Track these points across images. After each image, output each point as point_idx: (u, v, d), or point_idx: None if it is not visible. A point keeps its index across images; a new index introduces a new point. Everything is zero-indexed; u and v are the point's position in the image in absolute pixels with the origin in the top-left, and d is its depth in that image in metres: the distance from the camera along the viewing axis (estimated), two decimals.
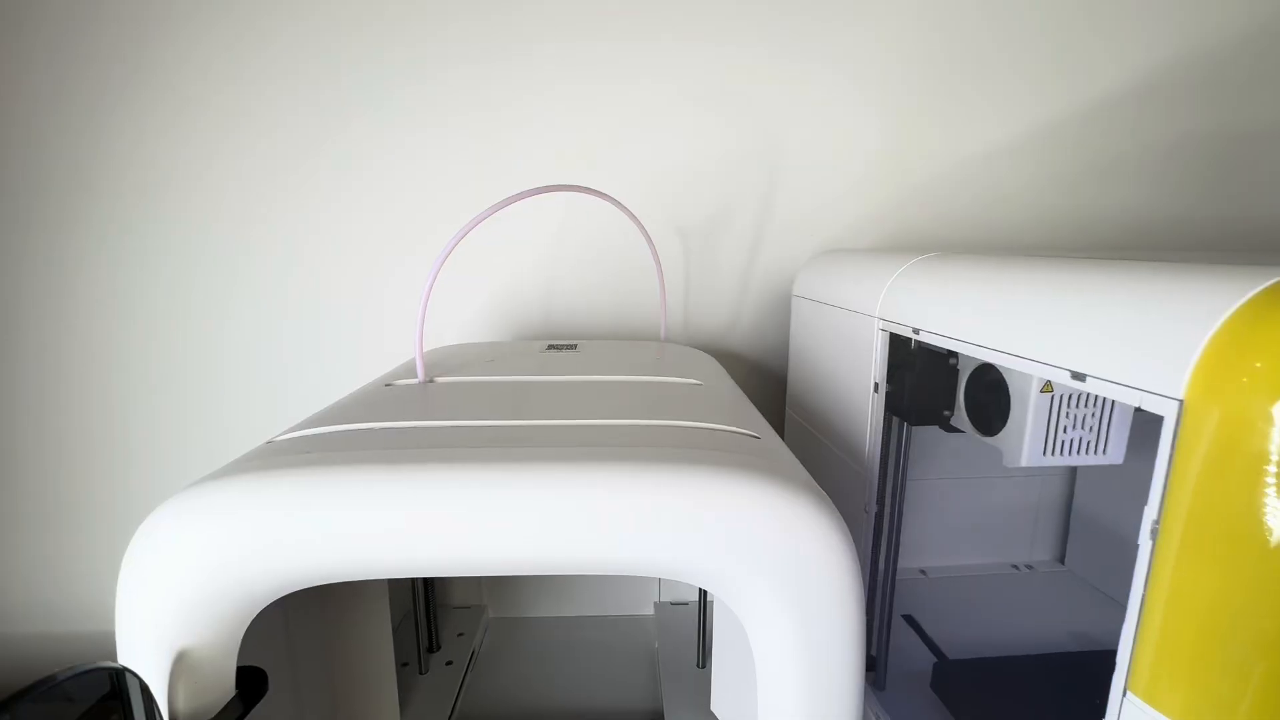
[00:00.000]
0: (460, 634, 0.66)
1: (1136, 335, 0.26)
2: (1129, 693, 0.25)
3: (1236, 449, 0.22)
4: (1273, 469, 0.22)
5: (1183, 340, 0.24)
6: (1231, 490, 0.22)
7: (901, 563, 0.72)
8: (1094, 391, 0.28)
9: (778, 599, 0.28)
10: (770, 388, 0.77)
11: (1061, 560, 0.74)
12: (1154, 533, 0.24)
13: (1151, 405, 0.25)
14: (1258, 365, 0.22)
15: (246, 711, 0.29)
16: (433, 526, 0.27)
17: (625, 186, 0.70)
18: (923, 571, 0.73)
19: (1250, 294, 0.23)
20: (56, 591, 0.77)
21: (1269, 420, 0.21)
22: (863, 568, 0.53)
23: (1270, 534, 0.22)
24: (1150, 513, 0.25)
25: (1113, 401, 0.42)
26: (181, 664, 0.27)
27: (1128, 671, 0.26)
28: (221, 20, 0.66)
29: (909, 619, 0.64)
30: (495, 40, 0.68)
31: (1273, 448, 0.21)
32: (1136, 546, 0.25)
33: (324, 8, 0.66)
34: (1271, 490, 0.22)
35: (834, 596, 0.29)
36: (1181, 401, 0.23)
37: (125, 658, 0.27)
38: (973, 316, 0.37)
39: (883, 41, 0.69)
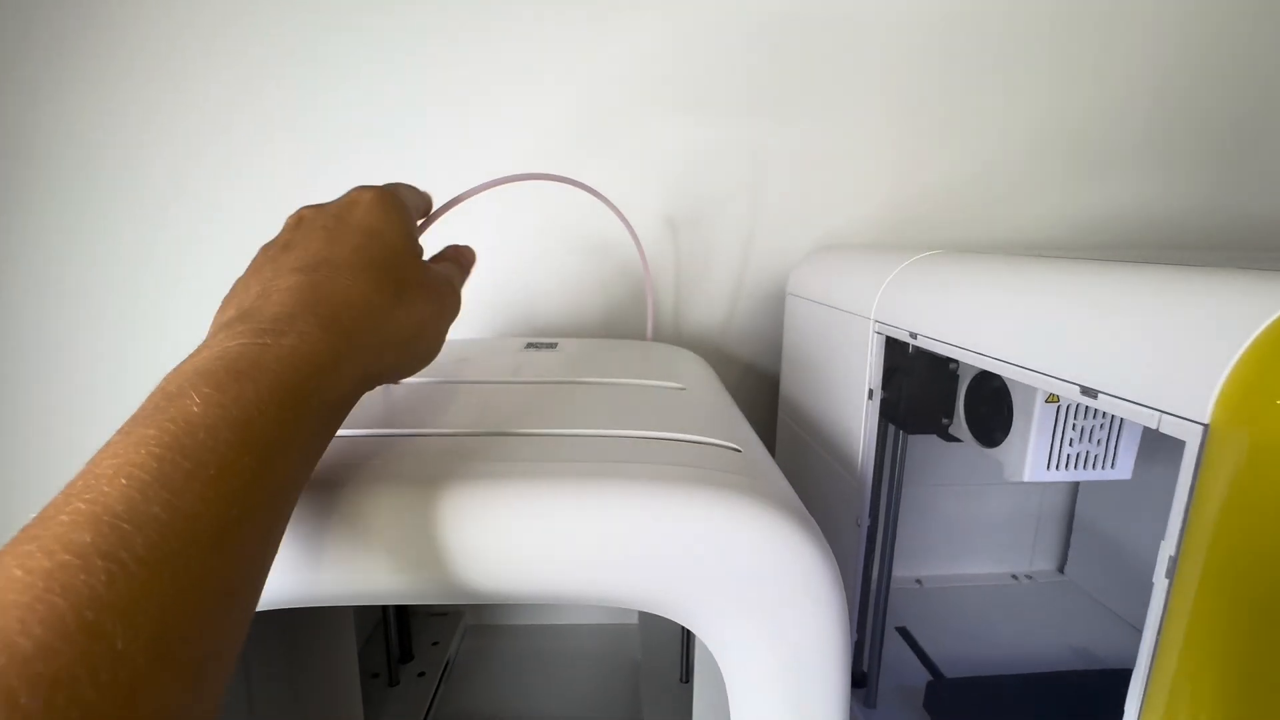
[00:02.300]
0: (435, 643, 0.63)
1: (1156, 349, 0.23)
2: None
3: (1269, 479, 0.20)
4: None
5: (1209, 356, 0.21)
6: (1263, 525, 0.20)
7: (896, 572, 0.69)
8: (1106, 409, 0.25)
9: (753, 632, 0.26)
10: (763, 390, 0.74)
11: (1061, 570, 0.72)
12: (1171, 570, 0.22)
13: (1171, 428, 0.22)
14: None
15: None
16: (369, 550, 0.24)
17: (613, 176, 0.68)
18: (918, 581, 0.70)
19: None
20: None
21: None
22: (854, 582, 0.50)
23: None
24: (1167, 548, 0.22)
25: None
26: None
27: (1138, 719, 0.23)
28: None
29: (903, 631, 0.61)
30: (474, 17, 0.64)
31: None
32: (1139, 558, 0.23)
33: None
34: None
35: (816, 625, 0.26)
36: (1206, 425, 0.21)
37: None
38: (974, 322, 0.35)
39: (883, 32, 0.66)
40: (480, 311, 0.71)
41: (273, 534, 0.20)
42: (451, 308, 0.31)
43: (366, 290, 0.24)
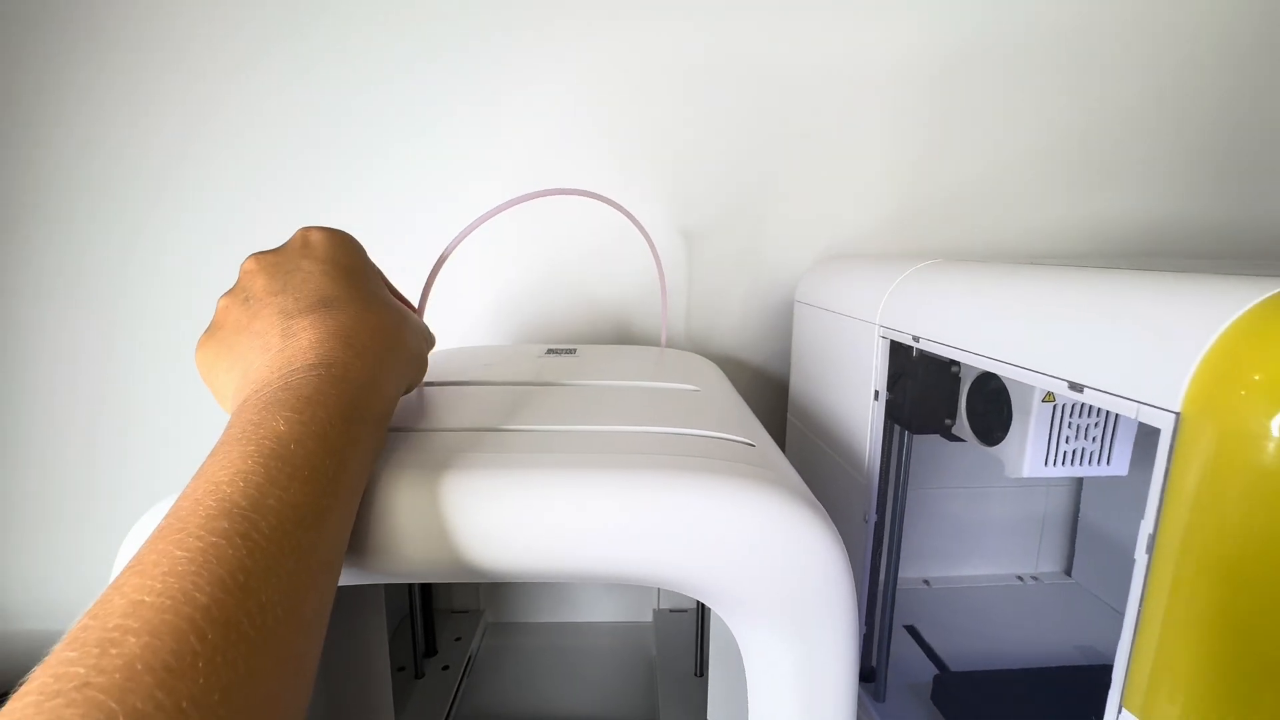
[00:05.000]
0: (457, 638, 0.66)
1: (1134, 346, 0.25)
2: (1124, 710, 0.25)
3: (1234, 462, 0.22)
4: (1272, 482, 0.21)
5: (1180, 352, 0.23)
6: (1230, 504, 0.22)
7: (904, 573, 0.71)
8: (1091, 403, 0.27)
9: (768, 607, 0.28)
10: (773, 394, 0.76)
11: (1068, 572, 0.73)
12: (1150, 547, 0.24)
13: (1148, 417, 0.24)
14: (1256, 378, 0.21)
15: None
16: (415, 534, 0.27)
17: (626, 189, 0.70)
18: (926, 582, 0.72)
19: (1249, 305, 0.23)
20: (52, 589, 0.78)
21: (1267, 434, 0.21)
22: (863, 577, 0.52)
23: (1270, 550, 0.21)
24: (1146, 526, 0.24)
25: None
26: None
27: (1123, 687, 0.25)
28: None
29: (911, 630, 0.63)
30: (495, 31, 0.68)
31: (1271, 461, 0.21)
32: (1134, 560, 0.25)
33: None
34: (1271, 504, 0.21)
35: (826, 604, 0.28)
36: (1178, 414, 0.23)
37: None
38: (971, 325, 0.37)
39: (891, 45, 0.69)
40: (501, 319, 0.73)
41: (350, 519, 0.24)
42: (425, 335, 0.35)
43: (378, 319, 0.29)
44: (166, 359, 0.73)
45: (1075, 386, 0.28)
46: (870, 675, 0.54)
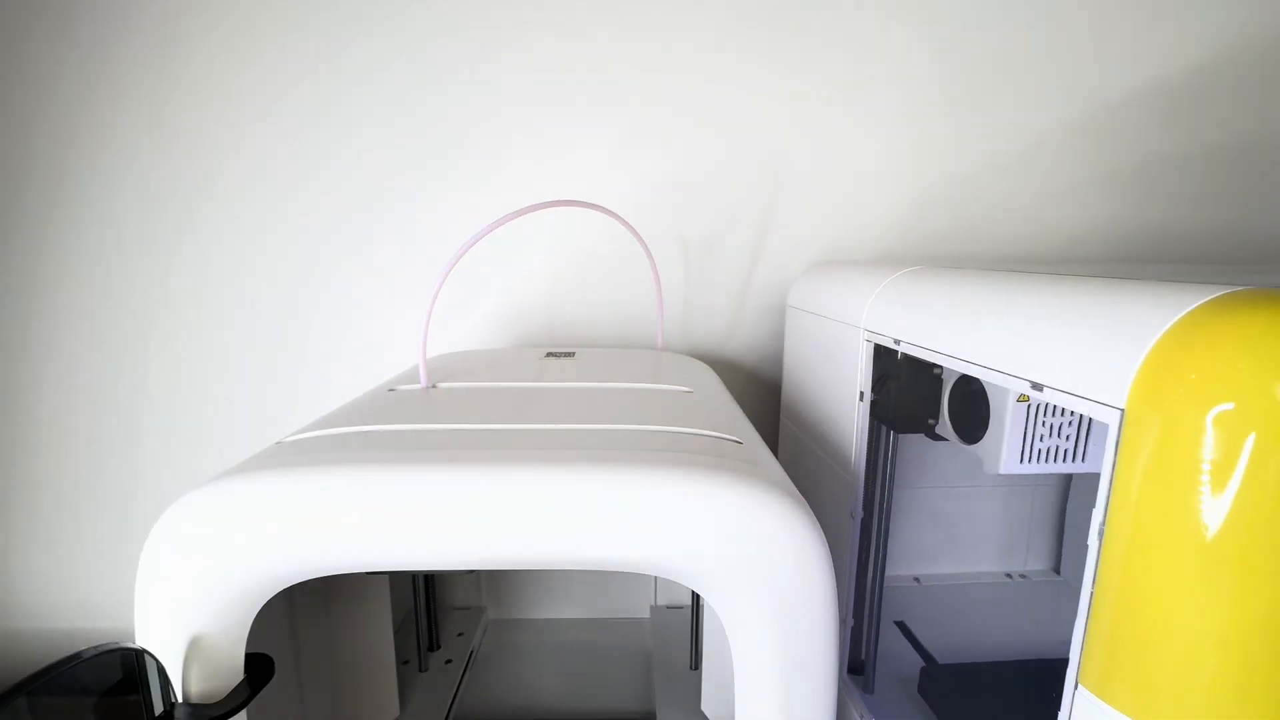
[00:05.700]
0: (460, 634, 0.68)
1: (1084, 348, 0.27)
2: (1080, 686, 0.27)
3: (1174, 454, 0.24)
4: (1207, 473, 0.23)
5: (1124, 353, 0.25)
6: (1170, 493, 0.24)
7: (894, 570, 0.73)
8: (1051, 401, 0.29)
9: (751, 592, 0.30)
10: (766, 396, 0.78)
11: (1057, 570, 0.75)
12: (1100, 534, 0.26)
13: (1097, 414, 0.26)
14: (1193, 376, 0.23)
15: (253, 695, 0.31)
16: (431, 523, 0.29)
17: (626, 197, 0.73)
18: (916, 579, 0.74)
19: (1187, 309, 0.25)
20: (65, 589, 0.80)
21: (1203, 428, 0.23)
22: (850, 573, 0.54)
23: (1207, 534, 0.23)
24: (1097, 515, 0.26)
25: None
26: (195, 648, 0.29)
27: (1079, 665, 0.27)
28: (232, 12, 0.69)
29: (901, 625, 0.65)
30: (500, 50, 0.70)
31: (1207, 453, 0.23)
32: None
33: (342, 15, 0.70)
34: (1207, 493, 0.23)
35: (807, 589, 0.30)
36: (1123, 410, 0.25)
37: (143, 641, 0.30)
38: (946, 329, 0.39)
39: (885, 52, 0.71)
40: (503, 324, 0.76)
41: None
42: None
43: None
44: (176, 366, 0.75)
45: (1037, 386, 0.30)
46: (859, 668, 0.56)
